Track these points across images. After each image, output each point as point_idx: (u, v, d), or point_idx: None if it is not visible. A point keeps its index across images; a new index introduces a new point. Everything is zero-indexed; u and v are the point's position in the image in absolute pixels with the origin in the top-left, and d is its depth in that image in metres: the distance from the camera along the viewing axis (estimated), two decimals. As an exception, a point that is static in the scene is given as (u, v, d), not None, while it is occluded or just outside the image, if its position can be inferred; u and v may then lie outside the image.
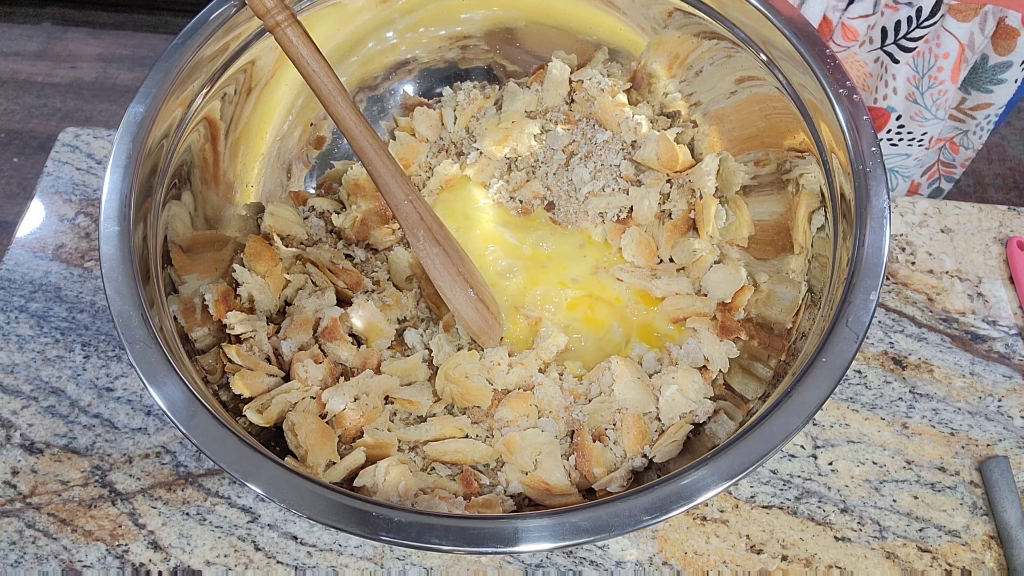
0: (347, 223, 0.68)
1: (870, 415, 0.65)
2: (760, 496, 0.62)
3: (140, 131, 0.53)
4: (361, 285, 0.65)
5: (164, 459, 0.62)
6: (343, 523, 0.43)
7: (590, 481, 0.56)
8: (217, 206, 0.63)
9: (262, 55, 0.62)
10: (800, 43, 0.57)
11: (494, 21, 0.72)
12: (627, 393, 0.58)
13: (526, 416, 0.59)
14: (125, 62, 1.89)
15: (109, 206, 0.51)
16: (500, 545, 0.42)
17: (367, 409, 0.57)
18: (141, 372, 0.46)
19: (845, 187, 0.54)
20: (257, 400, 0.55)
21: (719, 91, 0.67)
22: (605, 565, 0.59)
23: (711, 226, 0.66)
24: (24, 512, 0.60)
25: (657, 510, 0.43)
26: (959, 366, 0.67)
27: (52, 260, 0.72)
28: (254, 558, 0.59)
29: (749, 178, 0.66)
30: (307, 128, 0.70)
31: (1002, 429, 0.65)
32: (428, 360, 0.63)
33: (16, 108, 1.80)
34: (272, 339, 0.60)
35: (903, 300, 0.71)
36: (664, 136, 0.67)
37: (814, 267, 0.58)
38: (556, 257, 0.68)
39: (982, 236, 0.74)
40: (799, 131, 0.59)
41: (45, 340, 0.68)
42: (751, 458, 0.44)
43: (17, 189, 1.68)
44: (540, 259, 0.68)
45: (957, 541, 0.60)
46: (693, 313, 0.64)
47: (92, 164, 0.77)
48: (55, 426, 0.64)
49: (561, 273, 0.67)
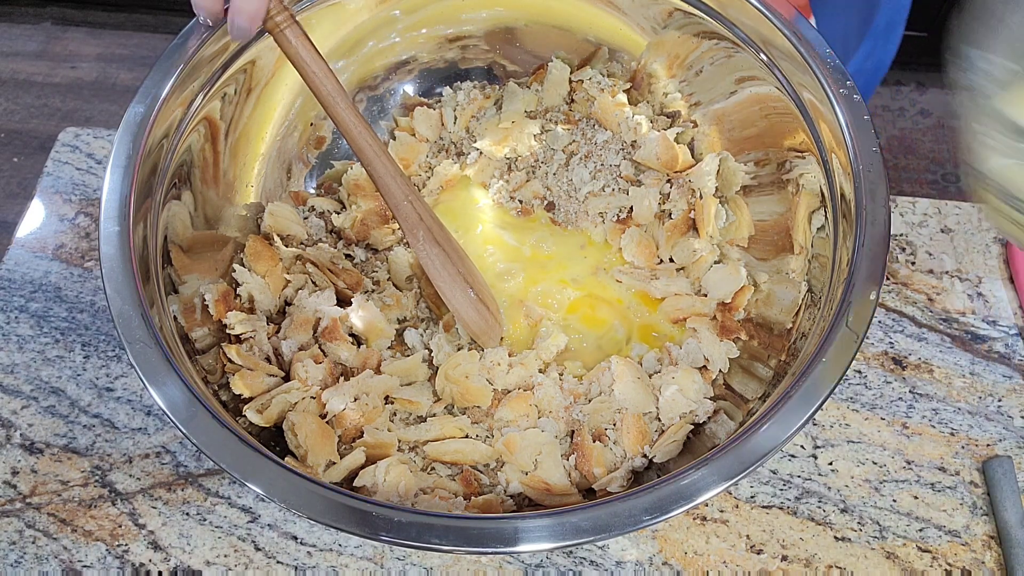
0: (347, 223, 0.68)
1: (870, 415, 0.65)
2: (760, 496, 0.62)
3: (140, 131, 0.53)
4: (361, 285, 0.65)
5: (164, 459, 0.62)
6: (343, 523, 0.43)
7: (590, 481, 0.56)
8: (217, 206, 0.63)
9: (262, 55, 0.62)
10: (800, 43, 0.57)
11: (494, 21, 0.72)
12: (627, 393, 0.58)
13: (526, 416, 0.59)
14: (125, 62, 1.89)
15: (109, 206, 0.51)
16: (500, 545, 0.42)
17: (367, 409, 0.57)
18: (141, 372, 0.46)
19: (845, 187, 0.54)
20: (257, 400, 0.55)
21: (719, 91, 0.67)
22: (605, 565, 0.59)
23: (711, 226, 0.66)
24: (24, 512, 0.60)
25: (657, 510, 0.43)
26: (959, 366, 0.67)
27: (52, 260, 0.72)
28: (254, 558, 0.59)
29: (749, 178, 0.66)
30: (307, 128, 0.70)
31: (1002, 429, 0.65)
32: (428, 360, 0.63)
33: (16, 108, 1.80)
34: (272, 339, 0.60)
35: (903, 300, 0.71)
36: (664, 136, 0.67)
37: (814, 267, 0.58)
38: (556, 258, 0.68)
39: (982, 236, 0.74)
40: (799, 131, 0.59)
41: (45, 340, 0.68)
42: (751, 458, 0.44)
43: (17, 189, 1.68)
44: (540, 260, 0.68)
45: (957, 541, 0.60)
46: (693, 313, 0.64)
47: (92, 164, 0.77)
48: (55, 426, 0.64)
49: (561, 273, 0.67)
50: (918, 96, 1.79)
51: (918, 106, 1.77)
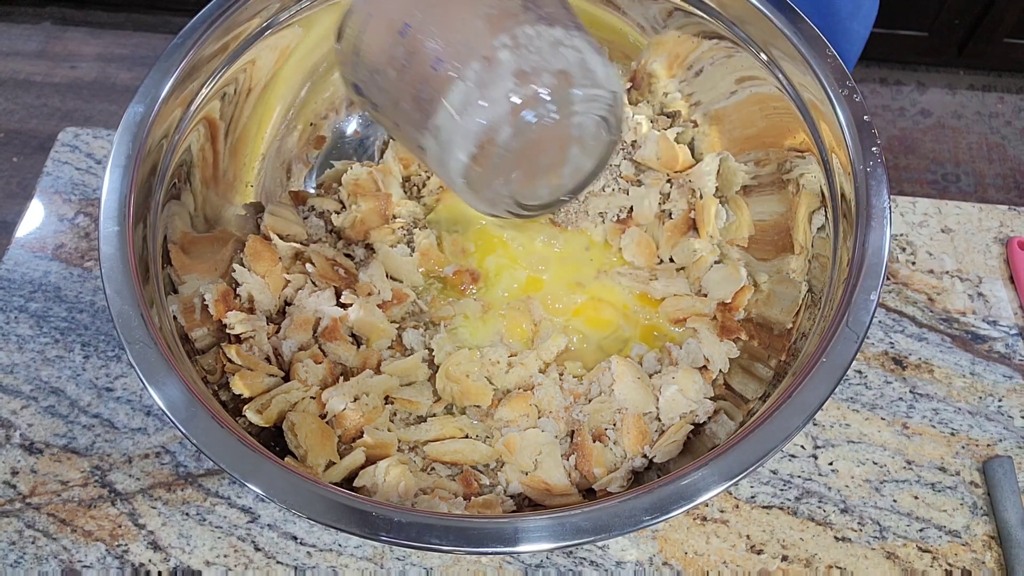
0: (347, 223, 0.67)
1: (870, 415, 0.65)
2: (760, 496, 0.62)
3: (140, 131, 0.53)
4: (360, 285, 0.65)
5: (164, 459, 0.62)
6: (343, 523, 0.43)
7: (590, 481, 0.56)
8: (217, 206, 0.63)
9: (262, 55, 0.62)
10: (800, 43, 0.57)
11: None
12: (627, 393, 0.58)
13: (526, 416, 0.59)
14: (125, 62, 1.89)
15: (109, 206, 0.51)
16: (500, 545, 0.42)
17: (367, 409, 0.57)
18: (141, 372, 0.46)
19: (845, 187, 0.54)
20: (257, 400, 0.55)
21: (719, 91, 0.67)
22: (605, 565, 0.59)
23: (711, 226, 0.66)
24: (24, 512, 0.60)
25: (657, 510, 0.43)
26: (959, 366, 0.67)
27: (52, 260, 0.72)
28: (254, 558, 0.59)
29: (749, 178, 0.66)
30: (307, 128, 0.70)
31: (1002, 429, 0.65)
32: (428, 360, 0.63)
33: (16, 108, 1.80)
34: (272, 339, 0.60)
35: (903, 300, 0.71)
36: (664, 136, 0.67)
37: (814, 267, 0.58)
38: (559, 259, 0.68)
39: (982, 236, 0.74)
40: (799, 131, 0.59)
41: (45, 340, 0.68)
42: (751, 458, 0.44)
43: (17, 189, 1.68)
44: (542, 261, 0.68)
45: (957, 541, 0.60)
46: (693, 313, 0.64)
47: (92, 164, 0.77)
48: (55, 426, 0.64)
49: (565, 276, 0.67)
50: (918, 96, 1.79)
51: (918, 106, 1.77)
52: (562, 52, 0.38)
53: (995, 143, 1.72)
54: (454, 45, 0.38)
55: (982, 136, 1.73)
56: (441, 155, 0.40)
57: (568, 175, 0.43)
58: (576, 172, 0.43)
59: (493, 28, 0.38)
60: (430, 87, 0.39)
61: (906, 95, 1.79)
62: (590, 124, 0.40)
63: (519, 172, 0.40)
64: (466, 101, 0.38)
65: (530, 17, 0.38)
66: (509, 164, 0.39)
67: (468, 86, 0.37)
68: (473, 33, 0.38)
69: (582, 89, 0.38)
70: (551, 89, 0.37)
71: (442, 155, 0.40)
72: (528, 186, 0.42)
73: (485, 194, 0.41)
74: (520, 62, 0.37)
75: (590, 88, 0.39)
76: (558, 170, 0.42)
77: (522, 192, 0.42)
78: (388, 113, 0.43)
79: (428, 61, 0.39)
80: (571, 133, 0.40)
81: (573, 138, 0.40)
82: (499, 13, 0.38)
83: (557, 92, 0.38)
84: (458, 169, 0.40)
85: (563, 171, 0.42)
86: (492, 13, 0.38)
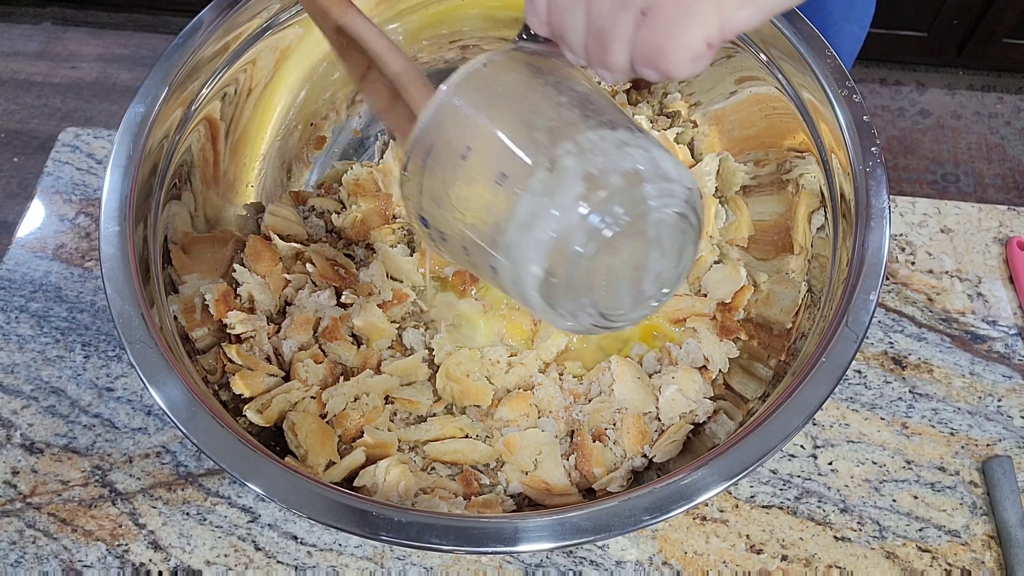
0: (347, 223, 0.68)
1: (870, 415, 0.65)
2: (760, 496, 0.62)
3: (140, 131, 0.53)
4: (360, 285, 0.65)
5: (164, 459, 0.62)
6: (343, 523, 0.43)
7: (590, 481, 0.56)
8: (217, 206, 0.63)
9: (262, 55, 0.62)
10: (800, 43, 0.57)
11: (493, 22, 0.72)
12: (627, 393, 0.58)
13: (526, 416, 0.59)
14: (125, 62, 1.89)
15: (109, 206, 0.51)
16: (500, 545, 0.42)
17: (367, 409, 0.57)
18: (141, 372, 0.46)
19: (845, 187, 0.54)
20: (257, 400, 0.55)
21: (719, 91, 0.67)
22: (605, 565, 0.59)
23: (711, 226, 0.66)
24: (24, 512, 0.60)
25: (657, 510, 0.43)
26: (959, 366, 0.67)
27: (52, 260, 0.72)
28: (254, 558, 0.59)
29: (749, 178, 0.66)
30: (307, 128, 0.70)
31: (1002, 429, 0.65)
32: (428, 360, 0.63)
33: (16, 108, 1.80)
34: (272, 339, 0.60)
35: (903, 300, 0.71)
36: (664, 136, 0.67)
37: (814, 267, 0.58)
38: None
39: (982, 236, 0.74)
40: (799, 131, 0.59)
41: (45, 340, 0.68)
42: (751, 458, 0.44)
43: (17, 189, 1.68)
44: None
45: (957, 541, 0.60)
46: (693, 313, 0.64)
47: (92, 164, 0.77)
48: (55, 426, 0.64)
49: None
50: (918, 96, 1.79)
51: (918, 106, 1.77)
52: (628, 152, 0.37)
53: (994, 143, 1.72)
54: (517, 159, 0.37)
55: (981, 136, 1.73)
56: (515, 272, 0.38)
57: (650, 280, 0.40)
58: (659, 276, 0.41)
59: (555, 138, 0.37)
60: (497, 204, 0.37)
61: (905, 95, 1.79)
62: (668, 221, 0.38)
63: (599, 280, 0.38)
64: (534, 212, 0.36)
65: (591, 124, 0.38)
66: (586, 272, 0.38)
67: (535, 197, 0.36)
68: (535, 146, 0.37)
69: (654, 185, 0.37)
70: (622, 188, 0.36)
71: (516, 272, 0.38)
72: (611, 295, 0.40)
73: (565, 306, 0.39)
74: (586, 166, 0.36)
75: (662, 183, 0.37)
76: (640, 274, 0.40)
77: (604, 301, 0.40)
78: (456, 240, 0.41)
79: (492, 178, 0.37)
80: (648, 232, 0.38)
81: (651, 239, 0.38)
82: (560, 124, 0.38)
83: (628, 191, 0.36)
84: (533, 284, 0.38)
85: (645, 275, 0.40)
86: (553, 125, 0.37)
